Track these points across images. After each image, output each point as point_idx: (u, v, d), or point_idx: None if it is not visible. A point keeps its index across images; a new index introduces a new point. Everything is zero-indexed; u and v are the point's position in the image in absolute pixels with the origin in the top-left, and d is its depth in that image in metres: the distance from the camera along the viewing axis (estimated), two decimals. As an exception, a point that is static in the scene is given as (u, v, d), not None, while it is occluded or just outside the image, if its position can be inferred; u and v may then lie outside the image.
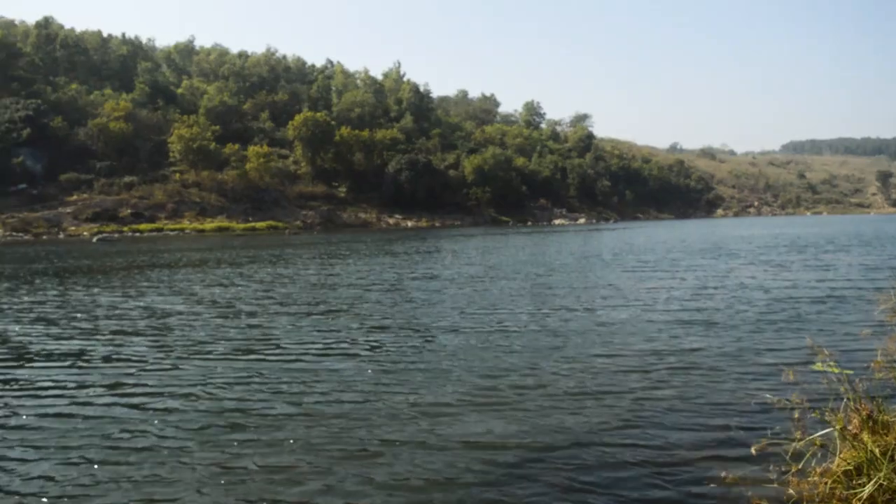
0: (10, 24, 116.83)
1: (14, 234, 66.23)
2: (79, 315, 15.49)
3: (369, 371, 9.69)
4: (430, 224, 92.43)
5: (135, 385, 9.21)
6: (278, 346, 11.43)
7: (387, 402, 8.13)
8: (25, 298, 19.13)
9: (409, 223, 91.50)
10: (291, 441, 6.89)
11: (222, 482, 5.96)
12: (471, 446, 6.67)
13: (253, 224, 78.56)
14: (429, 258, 32.15)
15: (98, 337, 12.70)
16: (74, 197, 76.67)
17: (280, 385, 9.01)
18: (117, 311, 15.98)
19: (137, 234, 68.69)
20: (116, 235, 66.04)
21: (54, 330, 13.58)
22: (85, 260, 35.40)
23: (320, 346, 11.50)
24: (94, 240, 59.90)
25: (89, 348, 11.67)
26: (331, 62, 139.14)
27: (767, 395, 7.28)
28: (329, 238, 58.88)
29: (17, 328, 13.97)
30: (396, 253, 36.12)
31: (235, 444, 6.86)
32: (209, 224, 76.34)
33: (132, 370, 10.05)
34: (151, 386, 9.15)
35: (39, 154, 79.70)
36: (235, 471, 6.20)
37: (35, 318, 15.26)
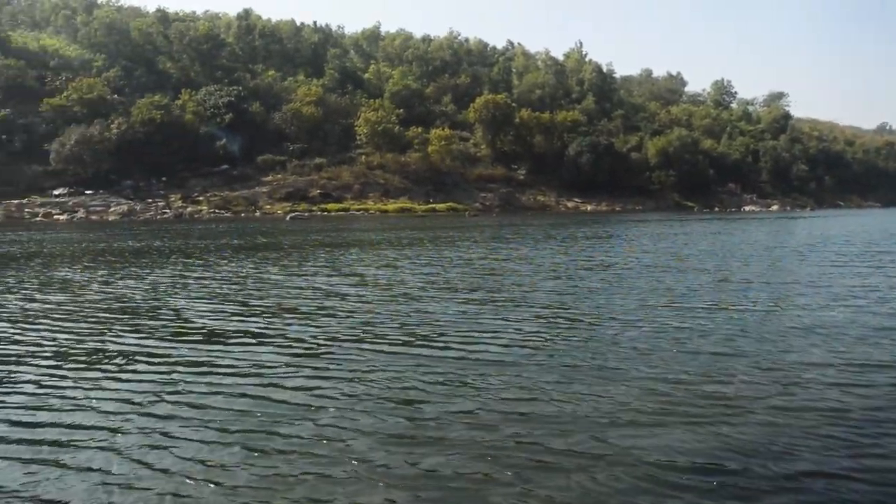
0: (214, 18, 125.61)
1: (216, 211, 71.11)
2: (256, 292, 15.64)
3: (533, 366, 8.71)
4: (610, 208, 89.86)
5: (299, 368, 8.74)
6: (444, 334, 10.69)
7: (556, 405, 7.17)
8: (220, 270, 19.84)
9: (589, 207, 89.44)
10: (453, 441, 6.18)
11: (382, 484, 5.34)
12: (647, 464, 5.63)
13: (433, 205, 79.68)
14: (604, 244, 30.62)
15: (269, 316, 12.55)
16: (269, 177, 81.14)
17: (442, 377, 8.26)
18: (294, 289, 15.99)
19: (325, 214, 71.65)
20: (307, 214, 69.13)
21: (230, 307, 13.59)
22: (281, 237, 37.00)
23: (483, 335, 10.59)
24: (288, 218, 63.10)
25: (259, 327, 11.49)
26: (512, 44, 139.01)
27: None
28: (506, 221, 58.51)
29: (188, 303, 14.19)
30: (573, 238, 34.84)
31: (406, 441, 6.22)
32: (392, 205, 78.26)
33: (299, 352, 9.64)
34: (317, 370, 8.65)
35: (239, 137, 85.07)
36: (402, 474, 5.55)
37: (216, 293, 15.56)
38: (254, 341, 10.35)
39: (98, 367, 8.91)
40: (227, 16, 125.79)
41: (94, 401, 7.43)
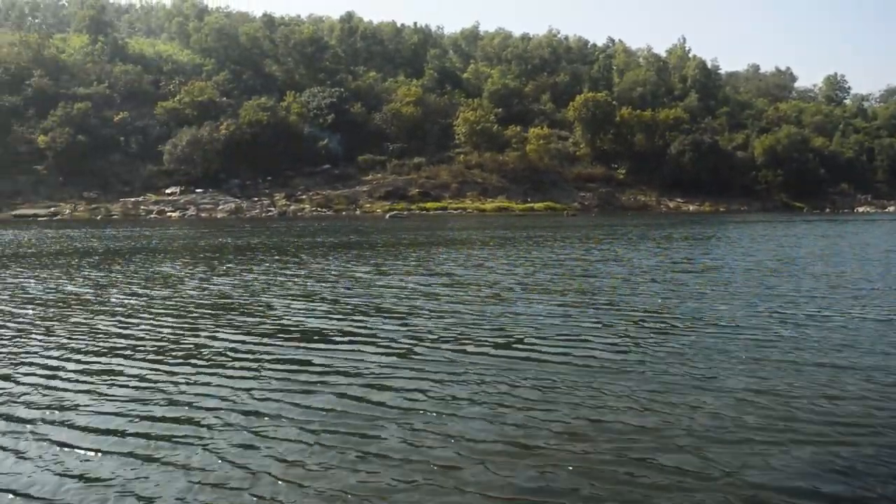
0: (318, 21, 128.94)
1: (319, 209, 72.91)
2: (349, 290, 15.82)
3: (628, 374, 8.34)
4: (714, 209, 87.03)
5: (392, 370, 8.66)
6: (537, 338, 10.38)
7: (653, 416, 6.83)
8: (316, 268, 20.25)
9: (691, 207, 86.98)
10: (545, 452, 6.01)
11: (472, 496, 5.28)
12: (751, 485, 5.28)
13: (531, 204, 79.24)
14: (705, 245, 29.64)
15: (362, 315, 12.54)
16: (370, 176, 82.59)
17: (533, 382, 7.99)
18: (387, 288, 16.09)
19: (424, 212, 72.31)
20: (406, 213, 69.97)
21: (324, 305, 13.68)
22: (378, 235, 37.58)
23: (576, 340, 10.22)
24: (387, 216, 64.06)
25: (352, 326, 11.44)
26: (612, 41, 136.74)
27: None
28: (605, 220, 57.49)
29: (283, 301, 14.41)
30: (671, 239, 33.93)
31: (497, 451, 6.12)
32: (490, 204, 78.27)
33: (391, 353, 9.56)
34: (410, 372, 8.56)
35: (341, 137, 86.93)
36: (494, 485, 5.49)
37: (311, 292, 15.79)
38: (347, 341, 10.39)
39: (195, 363, 9.16)
40: (331, 19, 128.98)
41: (191, 397, 7.64)
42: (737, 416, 6.83)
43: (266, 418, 6.90)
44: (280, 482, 5.44)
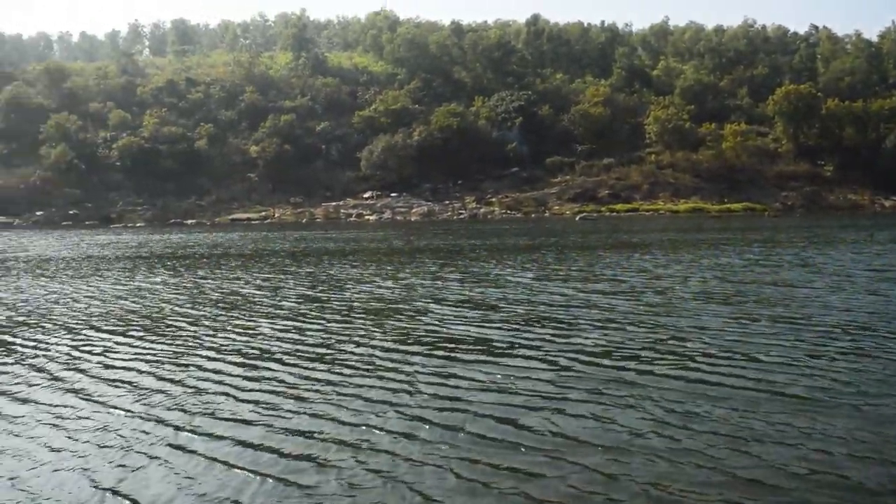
0: (505, 26, 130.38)
1: (508, 212, 73.64)
2: (511, 295, 15.76)
3: (834, 408, 7.20)
4: (939, 207, 78.82)
5: (538, 391, 8.12)
6: (721, 357, 9.47)
7: (876, 466, 5.84)
8: (490, 272, 20.34)
9: (911, 205, 79.28)
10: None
11: None
12: None
13: (728, 205, 75.48)
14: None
15: (519, 324, 12.16)
16: (558, 179, 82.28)
17: (738, 419, 6.97)
18: (549, 294, 15.79)
19: (614, 214, 71.05)
20: (595, 215, 69.05)
21: (482, 313, 13.67)
22: (572, 236, 37.30)
23: (764, 360, 9.24)
24: (577, 218, 63.54)
25: (509, 336, 11.16)
26: (815, 28, 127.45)
27: None
28: (812, 221, 53.48)
29: (439, 306, 14.51)
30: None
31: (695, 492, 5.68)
32: (682, 205, 75.50)
33: (540, 369, 9.11)
34: (558, 391, 8.07)
35: (529, 140, 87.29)
36: None
37: (474, 300, 15.71)
38: (504, 352, 10.10)
39: (348, 367, 9.44)
40: (517, 23, 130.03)
41: (342, 400, 7.90)
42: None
43: (413, 427, 6.89)
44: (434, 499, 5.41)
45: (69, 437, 6.85)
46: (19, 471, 6.05)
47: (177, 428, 7.07)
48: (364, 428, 6.94)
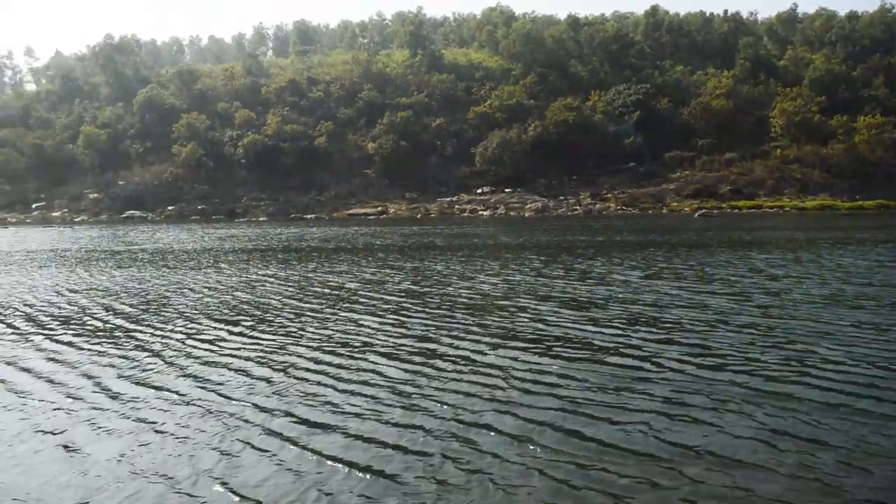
0: (622, 18, 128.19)
1: (624, 208, 72.37)
2: (620, 294, 15.22)
3: None
4: None
5: (636, 392, 7.99)
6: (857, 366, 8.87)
7: None
8: (601, 269, 19.99)
9: None
10: None
11: None
12: None
13: (860, 202, 71.33)
14: None
15: (623, 326, 11.85)
16: (677, 174, 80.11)
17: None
18: (658, 294, 15.34)
19: (735, 211, 68.54)
20: (715, 212, 66.84)
21: (587, 311, 13.35)
22: (688, 234, 36.31)
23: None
24: (696, 215, 61.73)
25: (609, 338, 10.92)
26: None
27: None
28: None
29: (538, 304, 14.25)
30: None
31: None
32: (810, 202, 71.93)
33: (642, 374, 8.79)
34: (658, 396, 7.82)
35: (647, 134, 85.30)
36: None
37: (580, 299, 15.41)
38: (598, 352, 10.00)
39: (446, 361, 9.57)
40: (635, 14, 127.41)
41: (436, 394, 8.01)
42: None
43: (495, 433, 6.81)
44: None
45: (175, 421, 7.35)
46: (125, 450, 6.56)
47: (275, 415, 7.46)
48: (455, 423, 7.07)
